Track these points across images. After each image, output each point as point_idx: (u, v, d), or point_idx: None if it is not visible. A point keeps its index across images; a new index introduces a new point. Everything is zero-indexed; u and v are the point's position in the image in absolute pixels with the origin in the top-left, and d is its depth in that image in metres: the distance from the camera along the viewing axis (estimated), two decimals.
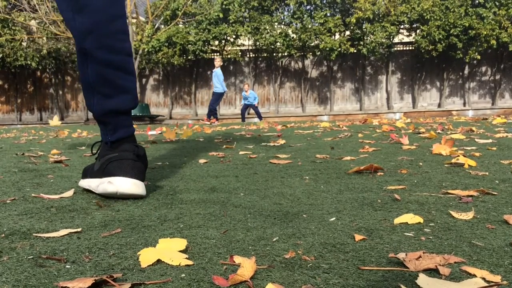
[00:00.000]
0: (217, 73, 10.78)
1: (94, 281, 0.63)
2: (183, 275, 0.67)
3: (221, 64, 11.13)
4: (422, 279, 0.63)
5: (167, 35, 14.20)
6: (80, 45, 1.22)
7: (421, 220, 0.95)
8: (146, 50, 14.38)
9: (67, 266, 0.72)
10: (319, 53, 14.76)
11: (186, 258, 0.73)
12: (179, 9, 14.53)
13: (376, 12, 14.04)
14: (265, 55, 15.45)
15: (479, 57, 14.03)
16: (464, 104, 15.26)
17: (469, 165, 1.70)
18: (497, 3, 13.63)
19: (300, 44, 14.54)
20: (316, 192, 1.30)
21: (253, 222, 0.97)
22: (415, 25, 14.63)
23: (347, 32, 14.84)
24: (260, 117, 11.95)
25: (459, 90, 15.44)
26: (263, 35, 14.54)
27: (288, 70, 16.00)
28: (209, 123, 9.78)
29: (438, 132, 3.50)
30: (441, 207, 1.08)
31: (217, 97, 10.91)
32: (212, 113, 10.88)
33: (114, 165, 1.22)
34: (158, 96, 16.49)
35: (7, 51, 14.64)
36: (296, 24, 14.75)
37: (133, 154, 1.24)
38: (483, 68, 15.25)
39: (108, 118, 1.27)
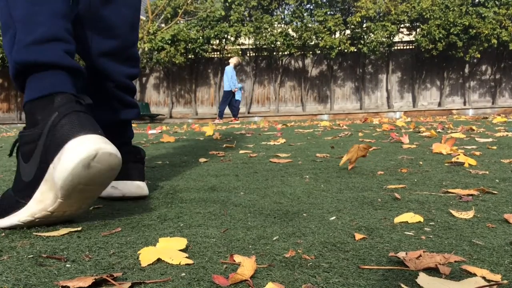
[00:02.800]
0: (226, 70, 10.86)
1: (94, 280, 0.63)
2: (183, 274, 0.67)
3: (235, 63, 11.11)
4: (422, 278, 0.63)
5: (171, 33, 14.19)
6: (92, 63, 1.21)
7: (421, 219, 0.95)
8: (146, 48, 14.37)
9: (67, 265, 0.72)
10: (319, 52, 14.75)
11: (186, 257, 0.73)
12: (180, 7, 14.52)
13: (377, 11, 14.03)
14: (266, 54, 15.45)
15: (479, 55, 14.02)
16: (464, 103, 15.25)
17: (469, 164, 1.70)
18: (497, 2, 13.61)
19: (300, 43, 14.53)
20: (316, 191, 1.30)
21: (253, 221, 0.97)
22: (415, 24, 14.62)
23: (347, 31, 14.83)
24: (236, 115, 11.64)
25: (459, 89, 15.43)
26: (264, 34, 14.54)
27: (288, 69, 15.99)
28: (235, 121, 9.95)
29: (439, 131, 3.50)
30: (441, 206, 1.08)
31: (224, 97, 10.94)
32: (219, 112, 10.97)
33: None
34: (159, 95, 16.48)
35: None
36: (297, 22, 14.74)
37: (134, 157, 1.26)
38: (483, 67, 15.24)
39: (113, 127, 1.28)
